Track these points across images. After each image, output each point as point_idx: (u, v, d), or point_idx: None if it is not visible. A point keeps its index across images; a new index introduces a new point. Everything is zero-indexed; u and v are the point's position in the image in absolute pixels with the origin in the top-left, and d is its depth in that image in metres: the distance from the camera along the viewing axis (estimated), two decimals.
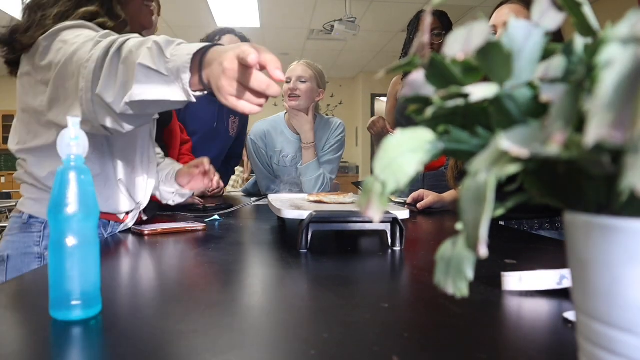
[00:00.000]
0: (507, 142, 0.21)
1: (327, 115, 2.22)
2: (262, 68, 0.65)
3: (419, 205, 1.47)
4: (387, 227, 0.86)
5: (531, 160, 0.22)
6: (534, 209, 1.20)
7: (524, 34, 0.27)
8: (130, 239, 0.99)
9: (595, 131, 0.16)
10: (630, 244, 0.22)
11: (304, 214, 0.84)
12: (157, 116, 1.04)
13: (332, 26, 4.35)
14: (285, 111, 2.13)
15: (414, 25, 2.16)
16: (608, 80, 0.16)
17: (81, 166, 0.50)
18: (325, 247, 0.90)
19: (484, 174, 0.22)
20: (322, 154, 2.09)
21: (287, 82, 2.03)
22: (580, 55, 0.27)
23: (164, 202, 1.26)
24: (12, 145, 1.01)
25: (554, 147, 0.19)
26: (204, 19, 4.91)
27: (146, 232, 1.01)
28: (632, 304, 0.22)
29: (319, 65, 2.09)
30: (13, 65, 1.00)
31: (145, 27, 1.13)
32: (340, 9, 4.48)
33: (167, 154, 1.75)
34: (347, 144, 2.31)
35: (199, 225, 1.10)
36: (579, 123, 0.20)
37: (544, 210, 1.22)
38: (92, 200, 0.50)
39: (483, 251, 0.21)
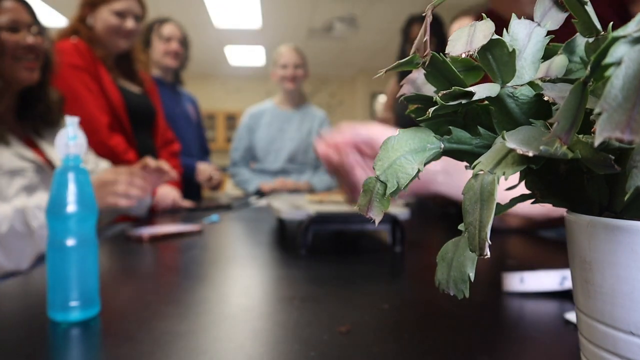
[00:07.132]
0: (512, 142, 0.21)
1: (313, 104, 2.53)
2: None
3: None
4: (387, 227, 0.86)
5: (535, 160, 0.22)
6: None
7: (526, 33, 0.26)
8: (127, 241, 0.99)
9: (604, 132, 0.16)
10: (634, 244, 0.21)
11: (303, 215, 0.84)
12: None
13: (332, 25, 4.35)
14: (271, 97, 2.50)
15: (407, 31, 2.19)
16: (616, 80, 0.16)
17: (79, 166, 0.50)
18: (325, 248, 0.90)
19: (487, 174, 0.22)
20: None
21: (284, 68, 2.30)
22: (583, 55, 0.27)
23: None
24: None
25: (559, 148, 0.19)
26: (202, 18, 4.90)
27: (145, 237, 1.00)
28: (635, 304, 0.22)
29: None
30: None
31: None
32: (340, 7, 4.47)
33: (155, 152, 1.75)
34: None
35: (194, 227, 1.07)
36: (583, 123, 0.20)
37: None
38: (90, 200, 0.50)
39: (486, 252, 0.21)
